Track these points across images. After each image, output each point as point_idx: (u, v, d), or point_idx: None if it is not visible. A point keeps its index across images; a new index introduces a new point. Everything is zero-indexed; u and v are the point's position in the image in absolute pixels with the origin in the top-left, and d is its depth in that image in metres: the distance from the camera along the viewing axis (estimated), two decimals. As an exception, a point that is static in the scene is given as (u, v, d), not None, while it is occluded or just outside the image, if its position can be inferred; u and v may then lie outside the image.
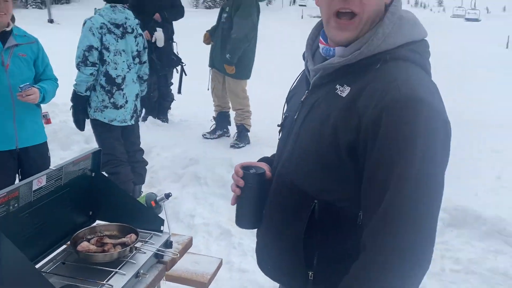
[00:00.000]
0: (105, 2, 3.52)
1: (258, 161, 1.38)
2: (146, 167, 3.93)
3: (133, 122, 3.65)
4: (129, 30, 3.49)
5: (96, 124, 3.53)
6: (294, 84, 1.34)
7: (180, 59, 5.36)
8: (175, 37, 5.47)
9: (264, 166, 1.29)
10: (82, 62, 3.28)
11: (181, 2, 5.51)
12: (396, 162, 0.95)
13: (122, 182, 3.55)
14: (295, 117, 1.20)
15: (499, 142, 5.98)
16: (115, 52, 3.41)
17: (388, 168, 0.96)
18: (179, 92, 5.38)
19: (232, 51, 4.36)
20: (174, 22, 5.45)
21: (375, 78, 1.02)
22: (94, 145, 3.85)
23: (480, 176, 4.32)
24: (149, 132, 4.91)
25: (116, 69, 3.43)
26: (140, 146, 3.90)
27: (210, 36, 4.85)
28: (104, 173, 3.49)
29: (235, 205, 1.29)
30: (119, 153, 3.59)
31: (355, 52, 1.05)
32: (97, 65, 3.33)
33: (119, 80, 3.45)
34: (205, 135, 4.92)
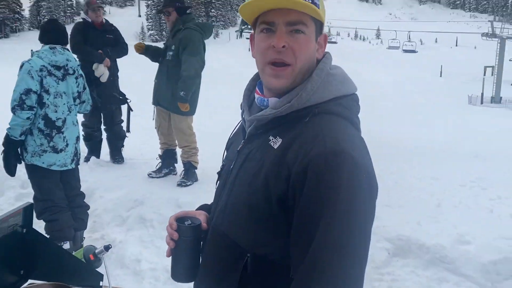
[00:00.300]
0: (42, 44, 3.42)
1: (197, 209, 1.36)
2: (88, 211, 3.76)
3: (73, 165, 3.51)
4: (70, 71, 3.41)
5: (33, 170, 3.35)
6: (233, 132, 1.35)
7: (124, 95, 5.26)
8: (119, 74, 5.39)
9: (201, 216, 1.27)
10: (19, 105, 3.14)
11: (124, 39, 5.46)
12: (320, 215, 0.96)
13: (62, 229, 3.38)
14: (231, 166, 1.21)
15: (437, 169, 6.29)
16: (55, 95, 3.30)
17: (313, 221, 0.97)
18: (128, 130, 5.25)
19: (185, 88, 4.36)
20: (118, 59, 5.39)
21: (304, 130, 1.05)
22: (31, 190, 3.64)
23: (421, 204, 4.49)
24: (92, 173, 4.74)
25: (56, 111, 3.32)
26: (81, 189, 3.74)
27: (144, 50, 4.78)
28: (42, 221, 3.35)
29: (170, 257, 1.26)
30: (58, 198, 3.42)
31: (286, 104, 1.09)
32: (34, 109, 3.20)
33: (59, 123, 3.33)
34: (150, 174, 4.79)
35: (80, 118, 5.03)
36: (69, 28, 3.92)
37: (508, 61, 35.39)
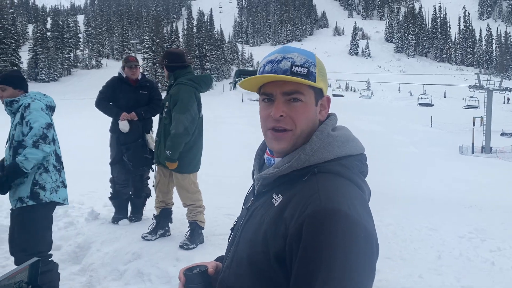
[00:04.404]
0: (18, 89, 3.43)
1: (215, 260, 1.37)
2: (85, 265, 3.67)
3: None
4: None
5: (45, 215, 3.19)
6: (250, 189, 1.38)
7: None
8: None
9: (211, 264, 1.29)
10: (42, 139, 3.08)
11: (160, 96, 5.03)
12: (315, 276, 0.96)
13: (52, 280, 3.22)
14: (241, 223, 1.24)
15: (434, 219, 6.29)
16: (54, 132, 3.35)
17: (308, 281, 0.97)
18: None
19: (172, 148, 4.09)
20: None
21: (301, 189, 1.08)
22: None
23: (422, 256, 4.45)
24: (88, 226, 4.67)
25: (59, 147, 3.37)
26: (78, 242, 3.68)
27: None
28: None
29: None
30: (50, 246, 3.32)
31: (286, 164, 1.13)
32: (52, 144, 3.17)
33: (62, 159, 3.37)
34: (146, 236, 4.38)
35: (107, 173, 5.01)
36: (66, 80, 3.94)
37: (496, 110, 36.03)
